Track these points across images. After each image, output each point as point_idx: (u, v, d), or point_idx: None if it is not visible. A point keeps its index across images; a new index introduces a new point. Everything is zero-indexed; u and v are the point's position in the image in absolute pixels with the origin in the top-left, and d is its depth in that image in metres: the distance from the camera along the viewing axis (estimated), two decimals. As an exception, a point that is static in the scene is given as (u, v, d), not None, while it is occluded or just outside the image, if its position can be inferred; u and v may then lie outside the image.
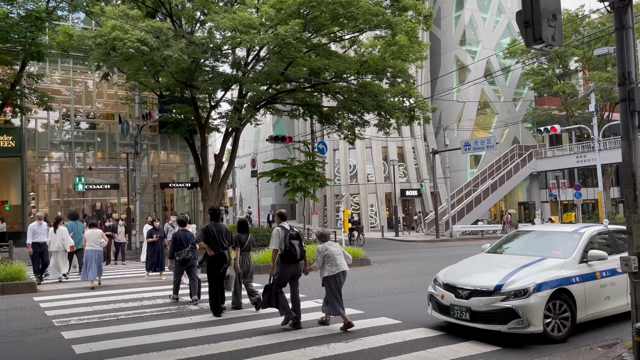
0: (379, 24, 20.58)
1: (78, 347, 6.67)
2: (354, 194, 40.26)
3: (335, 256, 7.55)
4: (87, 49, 20.50)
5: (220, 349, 6.48)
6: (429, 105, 26.74)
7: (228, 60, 22.15)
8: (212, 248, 8.55)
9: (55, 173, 29.34)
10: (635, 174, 5.72)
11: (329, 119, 25.49)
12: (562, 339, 6.53)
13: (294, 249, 7.60)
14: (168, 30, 18.79)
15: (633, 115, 5.76)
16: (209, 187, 23.24)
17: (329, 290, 7.49)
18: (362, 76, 23.31)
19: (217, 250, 8.56)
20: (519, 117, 44.36)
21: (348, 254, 7.91)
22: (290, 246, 7.58)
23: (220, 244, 8.60)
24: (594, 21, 36.79)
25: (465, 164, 44.53)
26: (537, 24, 5.21)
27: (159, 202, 31.67)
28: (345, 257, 7.76)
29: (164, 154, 32.06)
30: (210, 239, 8.56)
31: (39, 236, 12.93)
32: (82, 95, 29.31)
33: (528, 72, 41.29)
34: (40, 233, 12.96)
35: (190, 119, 24.24)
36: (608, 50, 24.64)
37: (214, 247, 8.56)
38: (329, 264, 7.53)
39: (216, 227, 8.70)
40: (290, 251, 7.58)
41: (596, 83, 32.29)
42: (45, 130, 28.28)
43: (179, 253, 9.81)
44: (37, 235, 12.89)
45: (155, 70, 20.28)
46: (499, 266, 7.31)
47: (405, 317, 8.12)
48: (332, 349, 6.40)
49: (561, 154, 41.19)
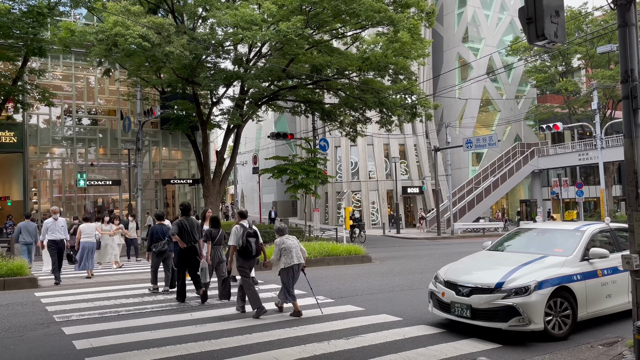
0: (381, 20, 20.51)
1: (79, 342, 6.68)
2: (356, 191, 40.26)
3: (291, 249, 8.03)
4: (89, 45, 20.49)
5: (221, 345, 6.49)
6: (431, 102, 26.68)
7: (230, 57, 22.13)
8: (184, 241, 9.24)
9: (57, 169, 29.38)
10: (637, 172, 5.70)
11: (330, 116, 25.47)
12: (563, 336, 6.52)
13: (250, 245, 8.20)
14: (170, 26, 18.78)
15: (636, 113, 5.73)
16: (210, 183, 23.25)
17: (283, 280, 8.03)
18: (364, 73, 23.27)
19: (188, 243, 9.27)
20: (521, 114, 44.28)
21: (304, 249, 8.34)
22: (247, 243, 8.17)
23: (192, 237, 9.31)
24: (597, 18, 36.67)
25: (467, 161, 44.48)
26: (540, 20, 5.18)
27: (160, 199, 31.71)
28: (302, 251, 8.22)
29: (166, 150, 32.08)
30: (183, 232, 9.22)
31: (55, 233, 12.12)
32: (83, 91, 29.32)
33: (530, 69, 41.19)
34: (56, 230, 12.16)
35: (192, 115, 24.24)
36: (611, 47, 24.58)
37: (186, 240, 9.25)
38: (285, 257, 8.00)
39: (188, 222, 9.36)
40: (247, 247, 8.18)
41: (599, 81, 32.20)
42: (47, 126, 28.30)
43: (156, 245, 10.53)
44: (53, 232, 12.10)
45: (157, 67, 20.27)
46: (500, 264, 7.29)
47: (406, 314, 8.12)
48: (333, 345, 6.39)
49: (563, 151, 41.12)
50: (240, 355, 6.05)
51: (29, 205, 26.80)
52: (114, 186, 30.12)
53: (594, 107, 28.14)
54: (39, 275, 12.78)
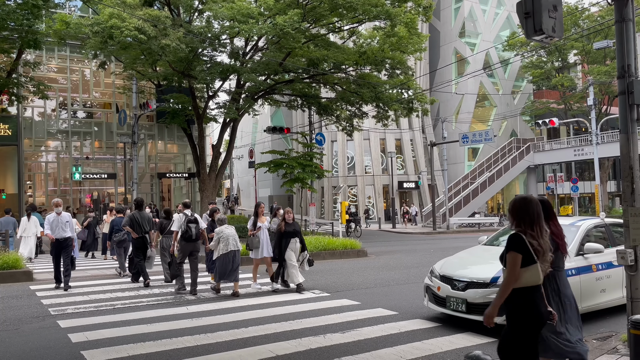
0: (378, 14, 20.48)
1: (74, 335, 6.67)
2: (352, 185, 40.28)
3: (228, 237, 9.24)
4: (84, 37, 20.37)
5: (217, 338, 6.49)
6: (428, 97, 26.69)
7: (226, 50, 22.06)
8: (135, 232, 10.69)
9: (52, 162, 29.26)
10: (633, 167, 5.72)
11: (327, 110, 25.43)
12: (558, 331, 6.55)
13: (190, 230, 9.54)
14: (166, 19, 18.69)
15: (632, 108, 5.74)
16: (206, 177, 23.21)
17: (219, 264, 9.20)
18: (361, 67, 23.24)
19: (139, 233, 10.73)
20: (517, 110, 44.34)
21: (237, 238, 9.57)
22: (187, 228, 9.52)
23: (142, 229, 10.75)
24: (593, 14, 36.70)
25: (463, 156, 44.55)
26: (538, 14, 5.18)
27: (156, 192, 31.64)
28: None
29: (162, 143, 31.98)
30: (134, 224, 10.69)
31: (58, 231, 10.14)
32: (79, 84, 29.16)
33: (527, 65, 41.22)
34: (59, 226, 10.16)
35: (188, 109, 24.16)
36: (607, 43, 24.61)
37: (137, 231, 10.70)
38: (222, 244, 9.20)
39: (140, 215, 10.84)
40: (187, 232, 9.53)
41: (595, 76, 32.26)
42: (42, 119, 28.15)
43: (117, 235, 12.01)
44: (56, 230, 10.15)
45: (152, 60, 20.18)
46: (496, 258, 7.21)
47: (402, 308, 8.14)
48: (329, 339, 6.41)
49: (559, 147, 41.23)
50: (237, 349, 6.05)
51: (24, 199, 26.69)
52: (110, 180, 30.02)
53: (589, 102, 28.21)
54: (34, 268, 12.75)
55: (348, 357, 5.73)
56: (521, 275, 3.55)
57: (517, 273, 3.52)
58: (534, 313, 3.55)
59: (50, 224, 10.16)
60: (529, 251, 3.54)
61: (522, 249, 3.56)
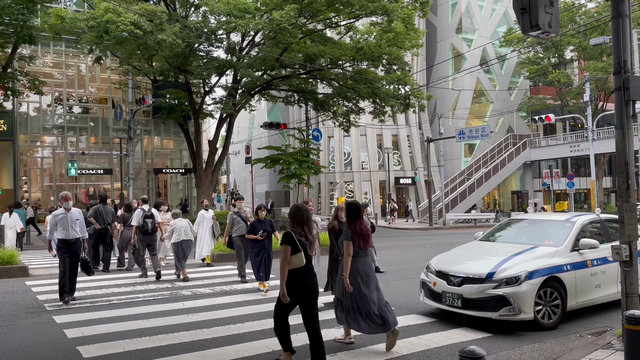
0: (375, 10, 20.43)
1: (70, 331, 6.66)
2: (348, 181, 40.28)
3: (180, 229, 10.61)
4: (80, 32, 20.26)
5: (213, 334, 6.49)
6: (424, 93, 26.67)
7: (222, 45, 21.97)
8: (99, 223, 11.96)
9: (47, 157, 29.15)
10: (628, 163, 5.73)
11: (324, 106, 25.39)
12: (553, 326, 6.59)
13: (147, 224, 10.83)
14: (162, 13, 18.60)
15: (628, 104, 5.75)
16: (202, 173, 23.17)
17: (175, 253, 10.60)
18: (358, 63, 23.19)
19: (102, 224, 12.03)
20: (514, 106, 44.38)
21: (193, 229, 11.15)
22: (144, 223, 10.82)
23: (104, 220, 12.07)
24: (590, 10, 36.71)
25: (459, 152, 44.59)
26: (534, 10, 5.17)
27: (152, 188, 31.58)
28: (191, 231, 10.92)
29: (158, 139, 31.89)
30: (98, 216, 12.05)
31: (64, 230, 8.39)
32: (74, 79, 29.02)
33: (524, 61, 41.23)
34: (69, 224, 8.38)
35: (184, 104, 24.08)
36: (604, 39, 24.61)
37: (100, 222, 12.00)
38: (175, 234, 10.59)
39: (104, 209, 12.28)
40: (143, 226, 10.82)
41: (591, 73, 32.29)
42: (37, 114, 28.03)
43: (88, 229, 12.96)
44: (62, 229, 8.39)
45: (148, 55, 20.09)
46: (491, 254, 7.33)
47: (398, 303, 8.15)
48: (325, 334, 6.39)
49: (555, 143, 41.31)
50: (233, 344, 6.06)
51: (20, 194, 26.60)
52: (106, 175, 29.94)
53: (586, 99, 28.23)
54: (30, 264, 12.72)
55: (344, 352, 5.75)
56: (292, 260, 4.98)
57: (288, 258, 4.97)
58: (300, 285, 5.02)
59: (56, 222, 8.36)
60: (296, 243, 4.99)
61: (291, 242, 5.01)
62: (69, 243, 8.43)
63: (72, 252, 8.48)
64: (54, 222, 8.46)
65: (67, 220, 8.39)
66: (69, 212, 8.47)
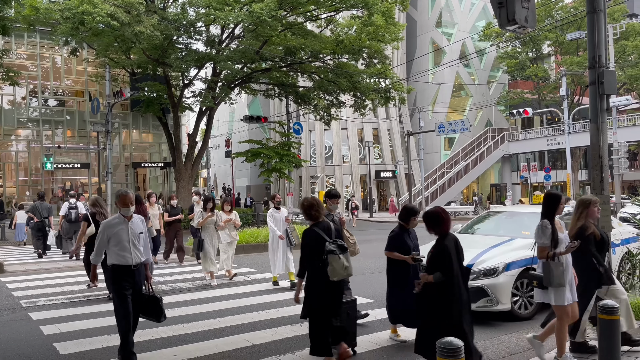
0: (356, 3, 20.42)
1: (46, 328, 6.56)
2: (330, 175, 40.32)
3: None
4: (55, 23, 19.84)
5: (193, 328, 6.46)
6: (405, 86, 26.79)
7: (202, 38, 21.73)
8: (37, 217, 14.13)
9: (22, 151, 28.55)
10: (602, 156, 5.84)
11: (304, 100, 25.33)
12: (529, 316, 6.71)
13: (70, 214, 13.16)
14: (139, 5, 18.31)
15: (602, 98, 5.85)
16: (182, 167, 22.96)
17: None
18: (338, 56, 23.16)
19: (40, 218, 14.17)
20: (493, 99, 44.86)
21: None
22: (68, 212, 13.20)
23: (41, 215, 14.24)
24: (567, 5, 37.21)
25: (439, 146, 44.96)
26: (511, 4, 5.22)
27: (131, 182, 31.19)
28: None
29: (136, 133, 31.46)
30: (36, 211, 14.32)
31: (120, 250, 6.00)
32: (49, 72, 28.42)
33: (502, 55, 41.65)
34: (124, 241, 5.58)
35: (163, 97, 23.78)
36: (580, 34, 24.98)
37: (38, 216, 14.17)
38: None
39: (41, 204, 14.52)
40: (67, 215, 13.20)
41: (567, 67, 32.79)
42: (11, 107, 27.41)
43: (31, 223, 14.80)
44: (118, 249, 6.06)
45: (126, 47, 19.78)
46: (470, 246, 7.40)
47: (377, 296, 8.22)
48: (305, 327, 6.42)
49: (532, 136, 41.90)
50: (213, 339, 6.04)
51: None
52: (83, 169, 29.43)
53: (562, 93, 28.63)
54: (4, 260, 12.47)
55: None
56: None
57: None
58: None
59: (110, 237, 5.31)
60: None
61: None
62: (130, 271, 5.30)
63: (135, 286, 5.35)
64: (106, 236, 5.31)
65: (126, 233, 5.31)
66: (130, 221, 5.38)
